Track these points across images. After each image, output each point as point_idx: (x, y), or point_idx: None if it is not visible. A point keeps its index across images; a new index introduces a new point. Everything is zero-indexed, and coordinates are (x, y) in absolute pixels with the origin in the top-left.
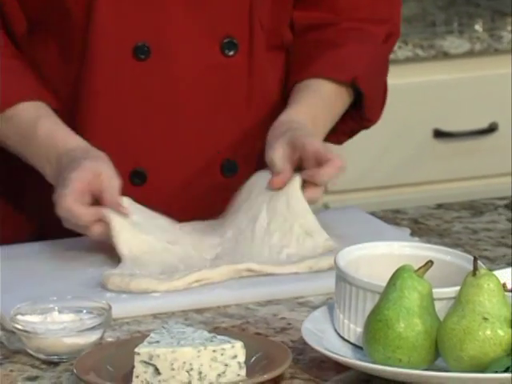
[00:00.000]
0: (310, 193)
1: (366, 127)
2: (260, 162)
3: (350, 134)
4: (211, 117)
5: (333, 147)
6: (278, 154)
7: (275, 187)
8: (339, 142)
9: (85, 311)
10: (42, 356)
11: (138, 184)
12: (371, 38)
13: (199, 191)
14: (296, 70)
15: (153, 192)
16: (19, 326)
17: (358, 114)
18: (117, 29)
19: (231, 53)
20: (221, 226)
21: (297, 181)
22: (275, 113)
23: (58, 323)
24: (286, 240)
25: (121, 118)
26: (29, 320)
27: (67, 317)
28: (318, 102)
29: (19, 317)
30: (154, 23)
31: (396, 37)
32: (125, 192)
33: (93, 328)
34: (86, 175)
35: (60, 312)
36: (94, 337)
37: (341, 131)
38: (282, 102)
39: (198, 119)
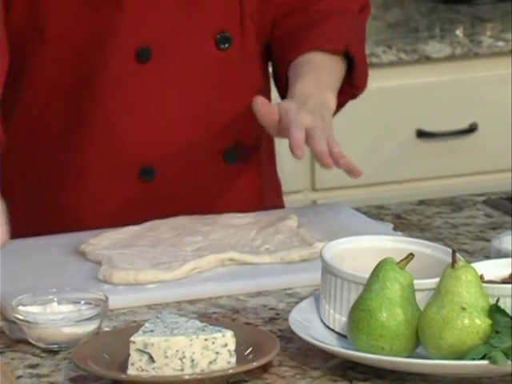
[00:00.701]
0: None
1: (355, 96)
2: (258, 145)
3: (339, 106)
4: (211, 109)
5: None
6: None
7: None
8: None
9: (83, 302)
10: (42, 345)
11: (147, 181)
12: (348, 12)
13: (205, 182)
14: (288, 50)
15: (161, 187)
16: (20, 317)
17: (347, 84)
18: (119, 33)
19: (225, 46)
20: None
21: (294, 219)
22: (265, 94)
23: (58, 314)
24: (268, 242)
25: (126, 118)
26: (30, 311)
27: (66, 308)
28: (320, 71)
29: (20, 307)
30: (153, 25)
31: (368, 10)
32: (135, 189)
33: (90, 318)
34: None
35: (59, 303)
36: (91, 326)
37: None
38: (267, 82)
39: (198, 113)
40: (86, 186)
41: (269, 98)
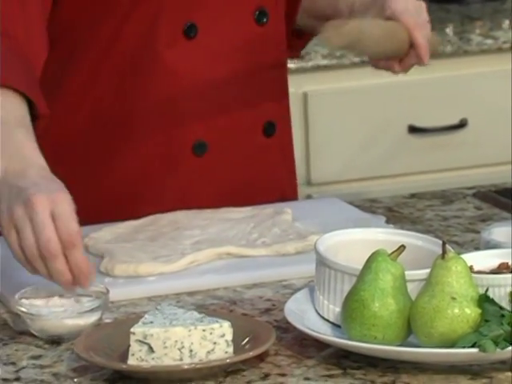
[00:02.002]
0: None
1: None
2: (288, 117)
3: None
4: (252, 82)
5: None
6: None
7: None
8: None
9: (84, 295)
10: (45, 336)
11: (200, 155)
12: None
13: (246, 153)
14: None
15: (213, 160)
16: (24, 309)
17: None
18: (167, 11)
19: (264, 21)
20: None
21: (289, 213)
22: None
23: (60, 306)
24: (265, 235)
25: (176, 95)
26: (33, 303)
27: (68, 300)
28: None
29: (24, 300)
30: (199, 3)
31: None
32: (188, 164)
33: (92, 310)
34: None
35: (62, 296)
36: (93, 318)
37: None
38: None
39: (241, 86)
40: (142, 163)
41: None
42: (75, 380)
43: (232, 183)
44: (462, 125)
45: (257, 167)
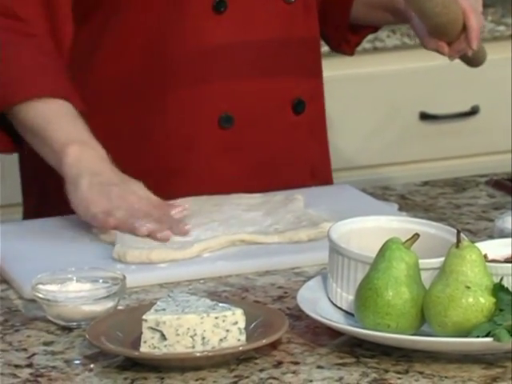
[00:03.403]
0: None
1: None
2: (320, 102)
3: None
4: (280, 59)
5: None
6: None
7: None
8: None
9: (101, 281)
10: (61, 322)
11: (227, 128)
12: None
13: (275, 130)
14: None
15: (240, 134)
16: (40, 295)
17: None
18: None
19: (291, 0)
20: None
21: (300, 200)
22: (319, 48)
23: (77, 292)
24: (278, 222)
25: (206, 68)
26: (49, 289)
27: (84, 286)
28: None
29: (40, 286)
30: None
31: None
32: (215, 136)
33: (109, 296)
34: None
35: (78, 282)
36: (109, 305)
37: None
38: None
39: (269, 63)
40: (171, 134)
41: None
42: (90, 366)
43: (258, 158)
44: (473, 112)
45: (285, 144)
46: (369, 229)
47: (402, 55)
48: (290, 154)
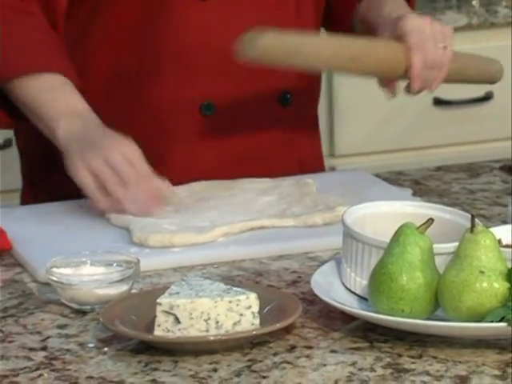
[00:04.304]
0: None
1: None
2: (309, 95)
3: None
4: None
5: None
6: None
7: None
8: None
9: (115, 264)
10: (75, 305)
11: (208, 115)
12: None
13: (259, 121)
14: None
15: (221, 122)
16: (54, 278)
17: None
18: None
19: None
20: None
21: (312, 184)
22: None
23: (91, 275)
24: (294, 206)
25: (187, 55)
26: (63, 272)
27: (98, 270)
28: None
29: (54, 269)
30: None
31: None
32: (196, 124)
33: (123, 280)
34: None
35: (92, 265)
36: (123, 288)
37: None
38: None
39: None
40: (153, 118)
41: None
42: (104, 349)
43: (241, 148)
44: (487, 97)
45: (270, 135)
46: (383, 214)
47: None
48: (275, 145)
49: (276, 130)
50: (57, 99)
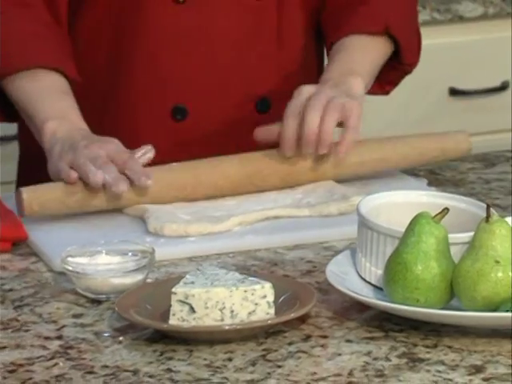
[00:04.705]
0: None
1: (408, 72)
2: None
3: (394, 82)
4: (245, 56)
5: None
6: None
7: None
8: (385, 91)
9: (130, 254)
10: (90, 295)
11: (180, 120)
12: None
13: (235, 127)
14: (331, 30)
15: (193, 127)
16: (70, 268)
17: (397, 61)
18: None
19: None
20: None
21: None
22: (305, 53)
23: (106, 265)
24: (310, 196)
25: (161, 57)
26: (78, 262)
27: (114, 259)
28: (353, 56)
29: (70, 259)
30: None
31: None
32: (167, 128)
33: (138, 269)
34: (117, 144)
35: (107, 255)
36: (138, 277)
37: (384, 81)
38: (311, 44)
39: (232, 58)
40: (125, 121)
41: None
42: (119, 339)
43: (216, 154)
44: (503, 87)
45: (248, 141)
46: (398, 203)
47: (432, 30)
48: (254, 151)
49: (252, 138)
50: (42, 105)
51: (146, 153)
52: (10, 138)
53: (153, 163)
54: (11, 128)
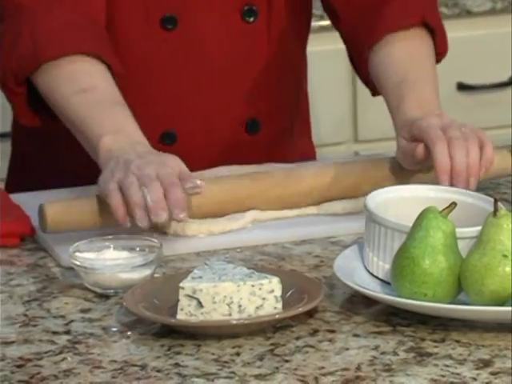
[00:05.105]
0: None
1: (438, 61)
2: (281, 121)
3: None
4: (234, 79)
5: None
6: (402, 142)
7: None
8: None
9: (138, 249)
10: (98, 290)
11: (169, 144)
12: None
13: (225, 149)
14: (364, 34)
15: (182, 151)
16: (78, 263)
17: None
18: (144, 1)
19: (251, 19)
20: None
21: None
22: (296, 74)
23: (114, 260)
24: None
25: (150, 84)
26: (86, 257)
27: (122, 254)
28: (415, 86)
29: (78, 254)
30: None
31: None
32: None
33: (146, 264)
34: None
35: (115, 250)
36: (146, 272)
37: None
38: (303, 64)
39: (221, 82)
40: None
41: (303, 75)
42: (128, 333)
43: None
44: (511, 82)
45: (238, 163)
46: (406, 198)
47: None
48: None
49: (243, 158)
50: (96, 119)
51: (195, 188)
52: (7, 135)
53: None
54: (9, 125)
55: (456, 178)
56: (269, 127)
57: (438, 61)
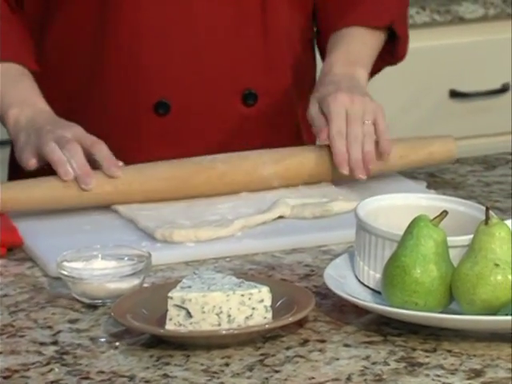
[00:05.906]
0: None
1: (393, 64)
2: (279, 97)
3: (376, 71)
4: (229, 49)
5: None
6: (313, 109)
7: (324, 140)
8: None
9: (126, 258)
10: (86, 300)
11: (162, 115)
12: None
13: (221, 120)
14: (332, 19)
15: (176, 122)
16: (65, 272)
17: (388, 53)
18: None
19: None
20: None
21: None
22: (291, 46)
23: (102, 269)
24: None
25: (143, 52)
26: (74, 266)
27: (110, 264)
28: (355, 47)
29: (65, 263)
30: None
31: None
32: (150, 123)
33: (134, 274)
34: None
35: (103, 259)
36: (135, 282)
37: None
38: (297, 37)
39: (216, 52)
40: (108, 116)
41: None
42: (116, 344)
43: (200, 147)
44: (504, 89)
45: (234, 134)
46: (397, 206)
47: (432, 32)
48: (241, 145)
49: (240, 130)
50: (12, 88)
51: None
52: (7, 143)
53: (140, 157)
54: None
55: (353, 169)
56: (267, 101)
57: (393, 64)
